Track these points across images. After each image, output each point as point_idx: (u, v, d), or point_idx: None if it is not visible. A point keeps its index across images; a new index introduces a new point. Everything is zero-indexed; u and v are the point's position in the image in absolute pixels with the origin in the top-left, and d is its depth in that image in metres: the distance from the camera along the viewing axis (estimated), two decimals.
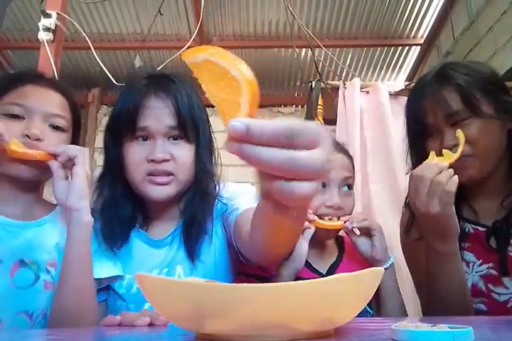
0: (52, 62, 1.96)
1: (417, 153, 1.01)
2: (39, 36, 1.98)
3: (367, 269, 0.49)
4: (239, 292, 0.44)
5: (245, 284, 0.45)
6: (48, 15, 2.00)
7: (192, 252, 0.94)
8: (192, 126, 0.92)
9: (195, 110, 0.92)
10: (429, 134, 0.97)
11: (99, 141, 4.42)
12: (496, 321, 0.72)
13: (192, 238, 0.94)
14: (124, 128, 0.90)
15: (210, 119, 1.00)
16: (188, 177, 0.93)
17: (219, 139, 0.91)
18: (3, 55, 4.06)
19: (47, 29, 1.97)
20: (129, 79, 0.99)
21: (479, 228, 0.97)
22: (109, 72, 2.51)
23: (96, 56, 2.44)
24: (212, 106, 0.43)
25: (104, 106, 4.62)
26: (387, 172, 2.11)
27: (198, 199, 0.94)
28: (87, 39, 2.35)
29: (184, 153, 0.91)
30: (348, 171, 1.04)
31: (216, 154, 0.99)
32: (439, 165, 0.83)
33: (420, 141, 0.99)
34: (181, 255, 0.97)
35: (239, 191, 1.00)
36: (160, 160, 0.87)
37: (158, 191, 0.90)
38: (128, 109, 0.89)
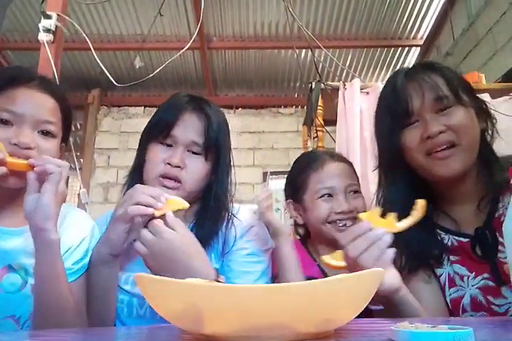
0: (52, 63, 1.96)
1: (390, 145, 0.94)
2: (39, 37, 1.98)
3: (367, 270, 0.49)
4: (239, 292, 0.44)
5: (245, 285, 0.45)
6: (48, 17, 2.00)
7: None
8: (214, 148, 1.01)
9: (221, 135, 1.03)
10: (409, 123, 0.91)
11: (99, 141, 4.46)
12: (496, 322, 0.72)
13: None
14: (157, 132, 1.00)
15: None
16: (196, 189, 1.00)
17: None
18: (4, 55, 4.07)
19: (47, 30, 1.98)
20: (173, 96, 1.10)
21: (462, 239, 0.91)
22: (109, 73, 2.51)
23: (96, 57, 2.44)
24: None
25: (104, 107, 4.63)
26: None
27: (214, 214, 1.01)
28: (87, 40, 2.35)
29: (197, 165, 1.00)
30: (350, 179, 1.11)
31: (233, 176, 1.09)
32: (368, 237, 0.73)
33: (396, 130, 0.92)
34: None
35: (249, 232, 1.04)
36: (174, 165, 0.96)
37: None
38: (166, 117, 1.01)
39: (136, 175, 1.04)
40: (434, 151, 0.88)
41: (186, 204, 0.85)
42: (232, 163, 1.08)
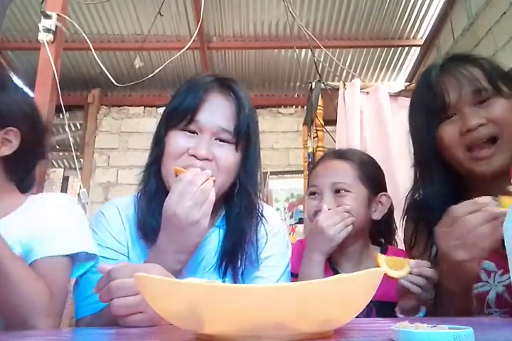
0: (52, 63, 1.96)
1: (426, 141, 0.91)
2: (39, 37, 1.99)
3: (367, 270, 0.49)
4: (239, 292, 0.44)
5: (245, 285, 0.45)
6: (48, 17, 2.00)
7: (228, 272, 0.87)
8: (245, 135, 0.87)
9: (252, 120, 0.89)
10: (446, 117, 0.87)
11: (99, 141, 4.46)
12: (496, 322, 0.72)
13: (235, 255, 0.86)
14: (178, 118, 0.85)
15: None
16: (226, 182, 0.86)
17: None
18: (3, 55, 4.06)
19: (47, 30, 1.98)
20: (193, 77, 0.94)
21: None
22: (109, 72, 2.51)
23: (96, 57, 2.44)
24: None
25: (104, 106, 4.63)
26: (387, 172, 2.10)
27: (245, 213, 0.89)
28: (87, 40, 2.35)
29: (228, 156, 0.85)
30: (339, 177, 1.07)
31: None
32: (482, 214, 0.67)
33: (433, 126, 0.89)
34: (215, 270, 0.88)
35: (272, 234, 0.94)
36: (202, 157, 0.82)
37: None
38: (188, 100, 0.85)
39: (154, 170, 0.88)
40: (474, 147, 0.84)
41: None
42: (260, 154, 0.93)
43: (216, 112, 0.85)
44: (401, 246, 1.13)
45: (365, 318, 0.92)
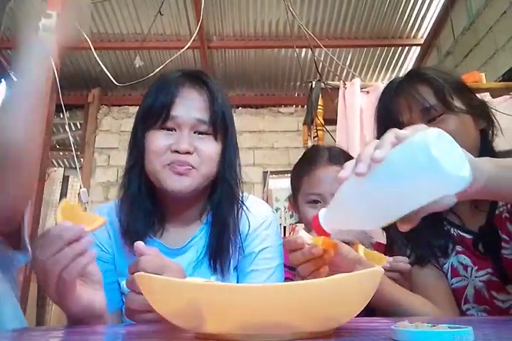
0: (52, 62, 1.96)
1: None
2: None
3: (367, 269, 0.49)
4: (239, 292, 0.44)
5: (245, 284, 0.45)
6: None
7: (217, 267, 0.87)
8: (222, 124, 0.90)
9: (226, 109, 0.91)
10: None
11: (99, 141, 4.46)
12: (496, 321, 0.72)
13: (221, 248, 0.87)
14: (153, 117, 0.87)
15: None
16: (210, 173, 0.89)
17: None
18: (3, 55, 4.06)
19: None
20: (163, 74, 0.97)
21: (466, 235, 0.92)
22: (109, 72, 2.51)
23: (96, 56, 2.45)
24: None
25: (105, 106, 4.63)
26: None
27: (226, 203, 0.90)
28: (88, 39, 2.35)
29: (209, 147, 0.88)
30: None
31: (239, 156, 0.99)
32: (304, 252, 0.68)
33: None
34: (204, 266, 0.89)
35: (263, 225, 0.94)
36: (184, 151, 0.84)
37: (177, 181, 0.85)
38: (161, 97, 0.88)
39: (135, 172, 0.90)
40: None
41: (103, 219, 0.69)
42: (238, 144, 0.96)
43: (190, 106, 0.87)
44: None
45: (365, 318, 0.92)
